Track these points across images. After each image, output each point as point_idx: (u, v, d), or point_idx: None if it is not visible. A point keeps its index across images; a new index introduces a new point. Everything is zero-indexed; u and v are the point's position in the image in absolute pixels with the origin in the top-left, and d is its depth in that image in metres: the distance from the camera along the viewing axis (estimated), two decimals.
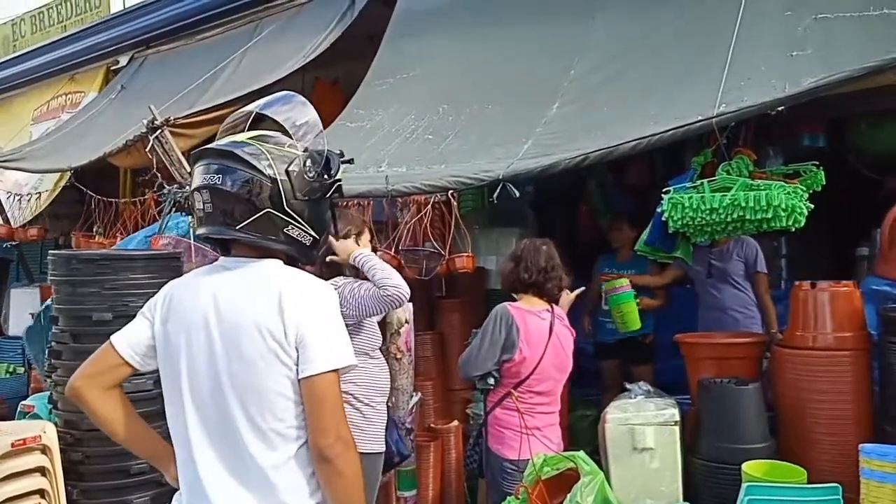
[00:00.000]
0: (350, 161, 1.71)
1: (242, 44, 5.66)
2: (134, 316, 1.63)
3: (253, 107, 1.67)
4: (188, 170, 4.55)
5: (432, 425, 3.79)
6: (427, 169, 3.46)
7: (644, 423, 2.74)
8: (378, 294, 2.51)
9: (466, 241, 3.73)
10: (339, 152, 1.63)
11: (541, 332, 2.67)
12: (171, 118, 4.60)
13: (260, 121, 1.66)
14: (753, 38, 3.10)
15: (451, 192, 3.38)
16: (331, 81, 5.51)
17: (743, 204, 2.59)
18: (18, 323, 6.28)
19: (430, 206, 3.70)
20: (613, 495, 2.36)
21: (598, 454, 2.89)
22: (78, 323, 3.16)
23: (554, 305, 2.82)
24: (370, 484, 2.50)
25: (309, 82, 5.71)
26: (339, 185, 1.61)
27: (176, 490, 1.61)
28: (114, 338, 1.60)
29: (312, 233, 1.55)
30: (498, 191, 3.01)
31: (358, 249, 2.64)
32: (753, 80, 2.85)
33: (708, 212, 2.67)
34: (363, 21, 4.93)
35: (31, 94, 8.21)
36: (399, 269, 3.69)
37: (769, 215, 2.57)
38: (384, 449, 2.71)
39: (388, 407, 2.80)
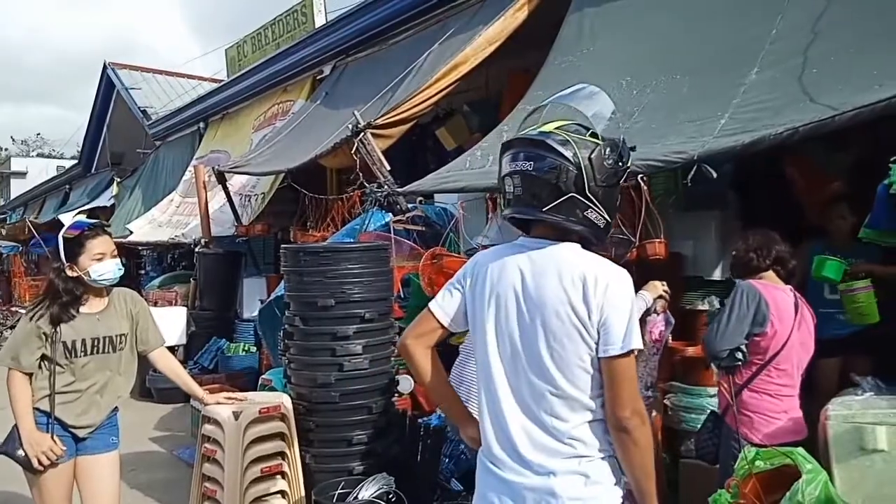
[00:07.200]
0: (633, 148, 1.78)
1: (430, 45, 5.90)
2: (351, 301, 1.85)
3: (556, 98, 1.80)
4: (388, 168, 4.91)
5: None
6: None
7: (875, 421, 2.48)
8: None
9: (658, 226, 3.55)
10: (625, 140, 1.71)
11: (788, 307, 2.60)
12: (372, 121, 5.00)
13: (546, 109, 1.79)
14: None
15: (640, 175, 3.16)
16: (523, 71, 5.56)
17: None
18: (250, 308, 7.25)
19: None
20: (840, 499, 2.18)
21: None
22: (306, 308, 3.57)
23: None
24: None
25: (494, 74, 5.84)
26: (630, 172, 1.69)
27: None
28: (431, 305, 1.80)
29: (607, 216, 1.64)
30: (692, 173, 2.82)
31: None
32: None
33: None
34: (550, 7, 4.90)
35: (252, 106, 9.34)
36: None
37: None
38: None
39: None
